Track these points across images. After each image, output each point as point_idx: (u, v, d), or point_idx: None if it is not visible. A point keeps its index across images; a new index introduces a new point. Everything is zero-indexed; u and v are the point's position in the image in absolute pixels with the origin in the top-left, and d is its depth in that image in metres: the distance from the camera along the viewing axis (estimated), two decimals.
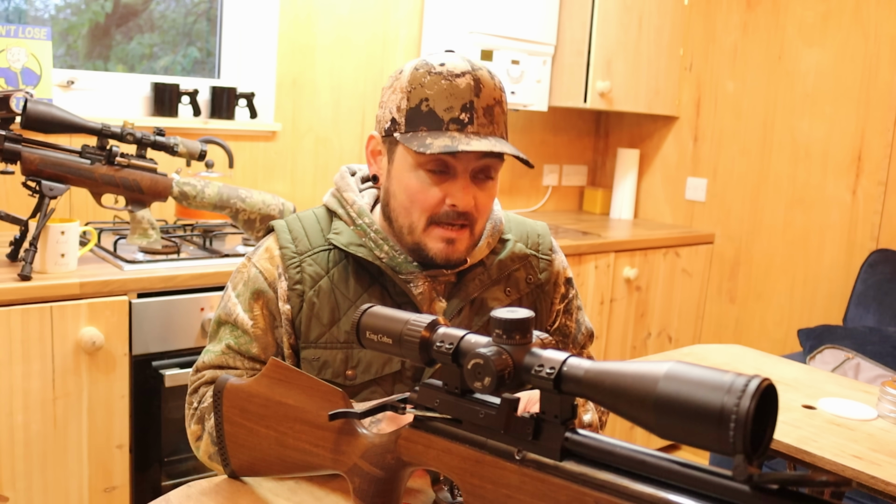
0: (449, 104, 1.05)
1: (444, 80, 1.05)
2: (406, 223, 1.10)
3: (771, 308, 3.04)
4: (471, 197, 1.07)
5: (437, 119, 1.05)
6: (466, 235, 1.10)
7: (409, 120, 1.07)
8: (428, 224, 1.09)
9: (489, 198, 1.11)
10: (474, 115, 1.05)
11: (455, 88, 1.05)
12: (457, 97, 1.05)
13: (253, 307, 1.13)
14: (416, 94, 1.06)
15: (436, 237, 1.09)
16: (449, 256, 1.10)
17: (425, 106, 1.05)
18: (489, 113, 1.07)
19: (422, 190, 1.08)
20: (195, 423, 1.12)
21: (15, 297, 1.59)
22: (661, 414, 0.57)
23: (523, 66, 2.84)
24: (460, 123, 1.05)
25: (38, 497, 1.66)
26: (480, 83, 1.06)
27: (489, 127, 1.07)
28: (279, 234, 1.16)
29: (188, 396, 1.15)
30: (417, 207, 1.08)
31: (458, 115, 1.05)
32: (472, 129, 1.05)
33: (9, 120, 1.72)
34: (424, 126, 1.05)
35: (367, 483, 0.80)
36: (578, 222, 3.15)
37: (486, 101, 1.07)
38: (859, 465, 1.17)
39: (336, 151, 2.71)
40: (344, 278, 1.13)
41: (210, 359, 1.14)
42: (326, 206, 1.19)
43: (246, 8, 2.50)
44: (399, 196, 1.10)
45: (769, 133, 3.01)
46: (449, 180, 1.07)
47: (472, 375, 0.69)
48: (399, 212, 1.11)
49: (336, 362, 1.12)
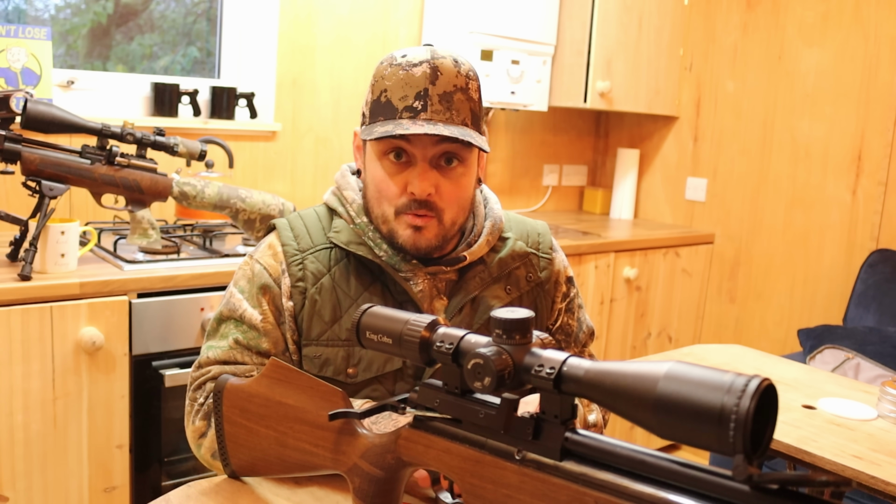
0: (403, 93, 1.06)
1: (401, 70, 1.07)
2: (379, 213, 1.12)
3: (771, 308, 3.04)
4: (428, 184, 1.07)
5: (392, 108, 1.06)
6: (434, 224, 1.10)
7: (371, 112, 1.10)
8: (396, 214, 1.10)
9: (455, 186, 1.10)
10: (428, 102, 1.05)
11: (410, 77, 1.06)
12: (411, 86, 1.06)
13: (261, 302, 1.13)
14: (377, 86, 1.09)
15: (403, 224, 1.10)
16: (416, 243, 1.10)
17: (384, 97, 1.07)
18: (446, 99, 1.06)
19: (384, 180, 1.10)
20: (200, 420, 1.10)
21: (15, 297, 1.59)
22: (661, 414, 0.57)
23: (523, 66, 2.84)
24: (413, 111, 1.05)
25: (38, 497, 1.66)
26: (438, 71, 1.06)
27: (445, 113, 1.06)
28: (281, 232, 1.16)
29: (191, 393, 1.13)
30: (384, 198, 1.10)
31: (411, 104, 1.06)
32: (424, 115, 1.05)
33: (9, 120, 1.72)
34: (381, 116, 1.07)
35: (367, 483, 0.80)
36: (578, 222, 3.15)
37: (444, 87, 1.06)
38: (859, 465, 1.17)
39: (336, 151, 2.71)
40: (345, 276, 1.14)
41: (216, 354, 1.13)
42: (327, 204, 1.20)
43: (246, 8, 2.50)
44: (370, 187, 1.13)
45: (769, 133, 3.01)
46: (408, 168, 1.08)
47: (472, 375, 0.69)
48: (372, 203, 1.13)
49: (337, 360, 1.12)
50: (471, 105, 1.09)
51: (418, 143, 1.06)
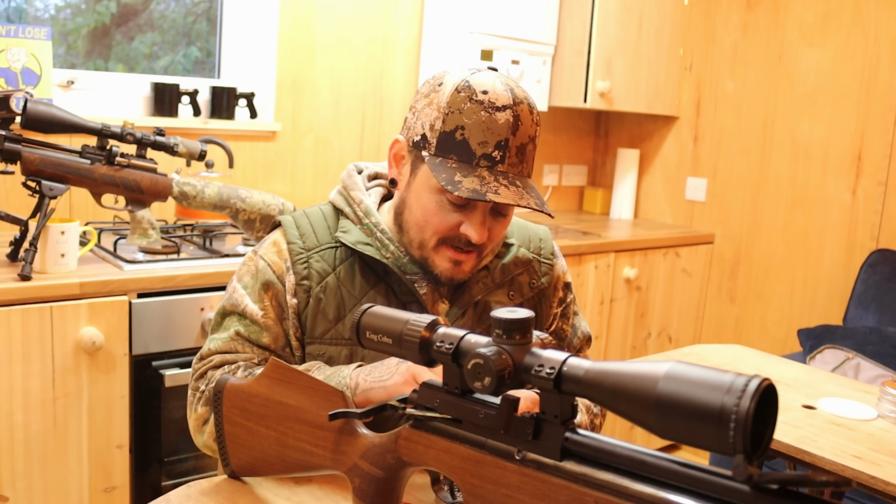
0: (484, 139, 1.03)
1: (484, 111, 1.03)
2: (417, 238, 1.11)
3: (771, 308, 3.04)
4: (485, 231, 1.08)
5: (468, 151, 1.03)
6: (473, 258, 1.11)
7: (440, 144, 1.05)
8: (438, 244, 1.09)
9: (503, 228, 1.12)
10: (506, 155, 1.04)
11: (493, 123, 1.03)
12: (493, 133, 1.03)
13: (263, 298, 1.14)
14: (452, 118, 1.04)
15: (444, 257, 1.10)
16: (454, 276, 1.11)
17: (460, 135, 1.03)
18: (521, 152, 1.06)
19: (439, 214, 1.07)
20: (202, 406, 1.11)
21: (15, 297, 1.59)
22: (661, 414, 0.57)
23: (523, 66, 2.84)
24: (491, 160, 1.03)
25: (38, 497, 1.66)
26: (519, 120, 1.04)
27: (518, 167, 1.06)
28: (287, 230, 1.16)
29: (193, 382, 1.14)
30: (431, 228, 1.08)
31: (490, 152, 1.03)
32: (501, 167, 1.04)
33: (9, 120, 1.72)
34: (455, 155, 1.04)
35: (367, 483, 0.80)
36: (578, 222, 3.15)
37: (521, 139, 1.05)
38: (859, 465, 1.17)
39: (336, 151, 2.71)
40: (350, 276, 1.14)
41: (217, 345, 1.14)
42: (333, 203, 1.20)
43: (246, 8, 2.50)
44: (415, 212, 1.10)
45: (769, 133, 3.01)
46: (467, 211, 1.07)
47: (472, 375, 0.69)
48: (411, 225, 1.11)
49: (341, 358, 1.12)
50: (534, 153, 1.10)
51: None
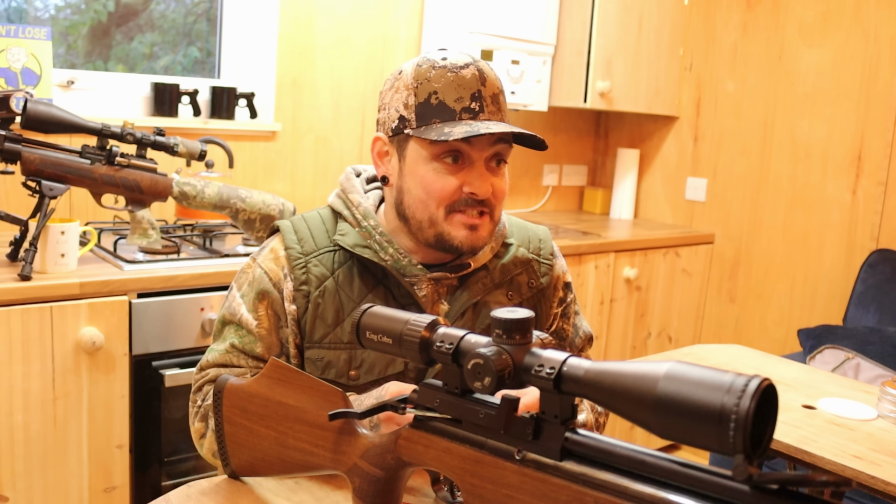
0: (458, 94, 1.06)
1: (449, 72, 1.07)
2: (425, 216, 1.10)
3: (771, 308, 3.04)
4: (489, 184, 1.08)
5: (448, 110, 1.06)
6: (487, 221, 1.11)
7: (419, 115, 1.07)
8: (448, 213, 1.09)
9: (504, 183, 1.13)
10: (484, 104, 1.07)
11: (462, 79, 1.07)
12: (465, 87, 1.07)
13: (258, 307, 1.14)
14: (423, 88, 1.07)
15: (458, 224, 1.09)
16: (474, 243, 1.11)
17: (435, 99, 1.07)
18: (496, 101, 1.09)
19: (438, 180, 1.08)
20: (199, 421, 1.13)
21: (15, 297, 1.59)
22: (661, 414, 0.57)
23: (523, 66, 2.84)
24: (472, 112, 1.06)
25: (38, 497, 1.66)
26: (484, 73, 1.09)
27: (498, 114, 1.09)
28: (285, 235, 1.16)
29: (192, 395, 1.16)
30: (434, 198, 1.08)
31: (468, 105, 1.07)
32: (483, 116, 1.07)
33: (9, 120, 1.72)
34: (437, 118, 1.06)
35: (367, 483, 0.80)
36: (578, 222, 3.15)
37: (492, 89, 1.09)
38: (859, 465, 1.17)
39: (336, 151, 2.71)
40: (349, 279, 1.14)
41: (214, 357, 1.15)
42: (331, 206, 1.20)
43: (246, 8, 2.50)
44: (414, 191, 1.10)
45: (769, 133, 3.01)
46: (465, 169, 1.08)
47: (472, 375, 0.69)
48: (416, 207, 1.10)
49: (340, 363, 1.12)
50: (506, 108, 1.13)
51: (477, 144, 1.07)
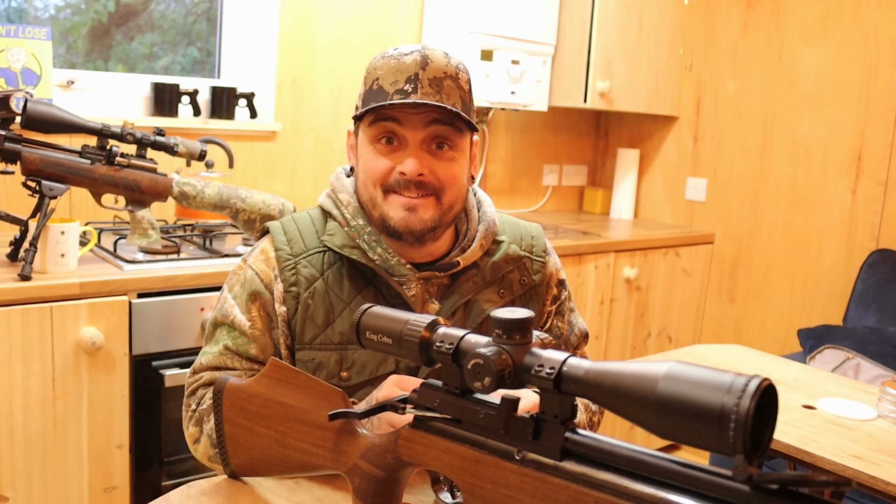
0: (395, 78, 1.08)
1: (393, 59, 1.09)
2: (367, 197, 1.13)
3: (771, 308, 3.04)
4: (420, 165, 1.08)
5: (383, 93, 1.08)
6: (431, 203, 1.10)
7: (364, 101, 1.11)
8: (385, 193, 1.10)
9: (449, 167, 1.11)
10: (418, 85, 1.07)
11: (402, 65, 1.08)
12: (402, 71, 1.08)
13: (250, 308, 1.14)
14: (369, 77, 1.11)
15: (395, 205, 1.10)
16: (410, 225, 1.09)
17: (375, 85, 1.09)
18: (436, 83, 1.07)
19: (372, 160, 1.10)
20: (193, 426, 1.12)
21: (15, 297, 1.59)
22: (661, 414, 0.57)
23: (523, 66, 2.84)
24: (403, 93, 1.07)
25: (38, 497, 1.66)
26: (428, 59, 1.08)
27: (436, 96, 1.07)
28: (274, 236, 1.16)
29: (185, 399, 1.15)
30: (371, 178, 1.11)
31: (402, 87, 1.07)
32: (416, 96, 1.06)
33: (9, 120, 1.72)
34: (373, 102, 1.08)
35: (367, 483, 0.80)
36: (578, 222, 3.15)
37: (433, 73, 1.08)
38: (859, 465, 1.17)
39: (336, 151, 2.71)
40: (338, 280, 1.13)
41: (208, 360, 1.15)
42: (322, 206, 1.20)
43: (246, 8, 2.50)
44: (361, 175, 1.14)
45: (769, 133, 3.01)
46: (400, 150, 1.09)
47: (472, 375, 0.69)
48: (362, 190, 1.14)
49: (330, 363, 1.12)
50: (461, 93, 1.10)
51: (409, 125, 1.08)
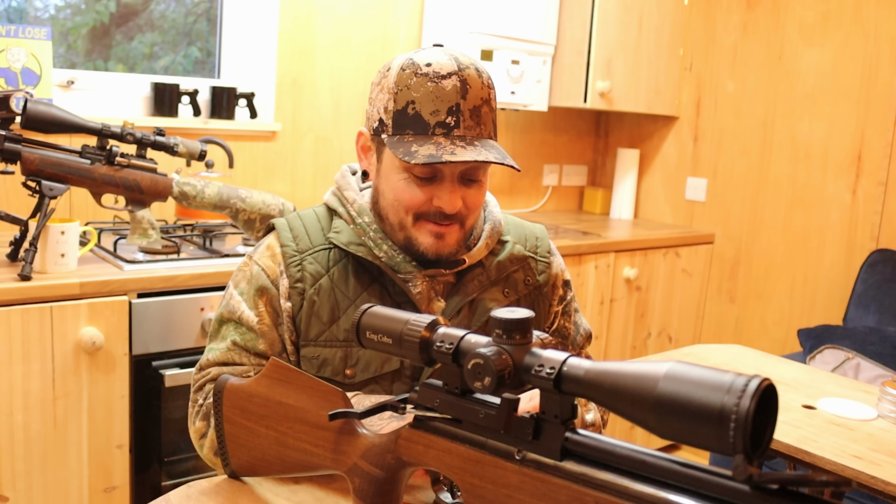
0: (435, 107, 1.04)
1: (430, 81, 1.05)
2: (395, 220, 1.12)
3: (771, 308, 3.04)
4: (458, 199, 1.08)
5: (423, 123, 1.05)
6: (456, 229, 1.11)
7: (395, 123, 1.07)
8: (416, 220, 1.10)
9: (478, 195, 1.12)
10: (461, 119, 1.05)
11: (441, 91, 1.04)
12: (443, 100, 1.04)
13: (258, 304, 1.14)
14: (402, 96, 1.06)
15: (425, 232, 1.10)
16: (439, 251, 1.11)
17: (411, 109, 1.05)
18: (476, 114, 1.06)
19: (407, 190, 1.08)
20: (200, 420, 1.12)
21: (15, 297, 1.59)
22: (661, 414, 0.57)
23: (523, 66, 2.84)
24: (446, 127, 1.04)
25: (38, 497, 1.65)
26: (467, 84, 1.06)
27: (476, 129, 1.06)
28: (280, 233, 1.17)
29: (192, 394, 1.15)
30: (403, 207, 1.10)
31: (444, 119, 1.04)
32: (458, 132, 1.05)
33: (9, 120, 1.72)
34: (411, 130, 1.05)
35: (367, 483, 0.80)
36: (578, 222, 3.15)
37: (473, 101, 1.06)
38: (859, 465, 1.17)
39: (336, 151, 2.71)
40: (344, 277, 1.14)
41: (215, 356, 1.14)
42: (327, 204, 1.20)
43: (246, 8, 2.50)
44: (387, 195, 1.12)
45: (769, 133, 3.01)
46: (436, 183, 1.08)
47: (472, 375, 0.69)
48: (388, 210, 1.12)
49: (335, 360, 1.12)
50: (493, 116, 1.10)
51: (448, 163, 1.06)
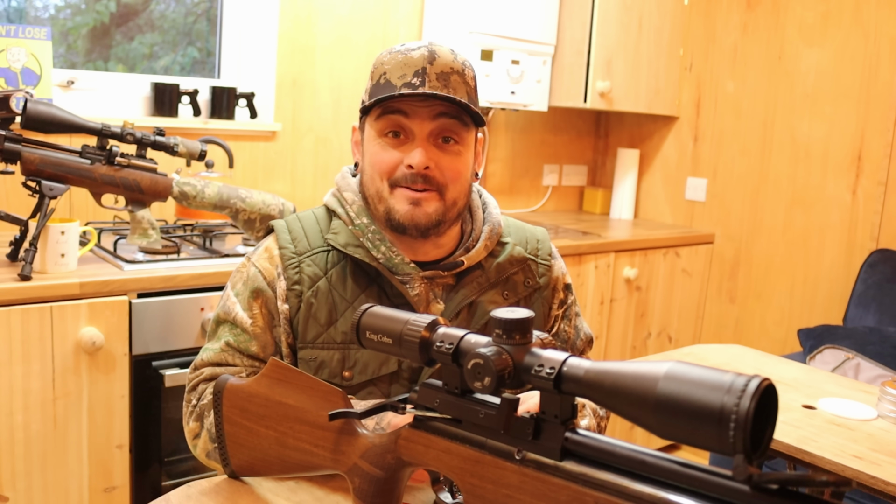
0: (402, 72, 1.08)
1: (400, 54, 1.10)
2: (374, 191, 1.13)
3: (771, 308, 3.04)
4: (427, 158, 1.08)
5: (391, 86, 1.09)
6: (434, 198, 1.11)
7: (370, 95, 1.11)
8: (391, 187, 1.11)
9: (456, 161, 1.12)
10: (426, 79, 1.07)
11: (409, 59, 1.09)
12: (410, 65, 1.08)
13: (252, 306, 1.14)
14: (376, 72, 1.12)
15: (400, 198, 1.11)
16: (415, 219, 1.10)
17: (383, 79, 1.10)
18: (444, 77, 1.08)
19: (380, 153, 1.11)
20: (193, 421, 1.13)
21: (15, 297, 1.59)
22: (661, 414, 0.57)
23: (523, 66, 2.84)
24: (412, 86, 1.07)
25: (38, 497, 1.65)
26: (436, 54, 1.10)
27: (443, 90, 1.08)
28: (279, 235, 1.17)
29: (186, 394, 1.15)
30: (377, 172, 1.11)
31: (410, 80, 1.08)
32: (424, 89, 1.07)
33: (9, 120, 1.72)
34: (381, 95, 1.08)
35: (367, 483, 0.80)
36: (578, 222, 3.15)
37: (441, 67, 1.09)
38: (859, 465, 1.17)
39: (336, 151, 2.71)
40: (342, 279, 1.14)
41: (209, 356, 1.15)
42: (326, 205, 1.20)
43: (246, 8, 2.50)
44: (367, 168, 1.14)
45: (769, 133, 3.01)
46: (407, 143, 1.10)
47: (472, 375, 0.69)
48: (368, 183, 1.14)
49: (333, 363, 1.12)
50: (467, 89, 1.11)
51: (416, 117, 1.08)
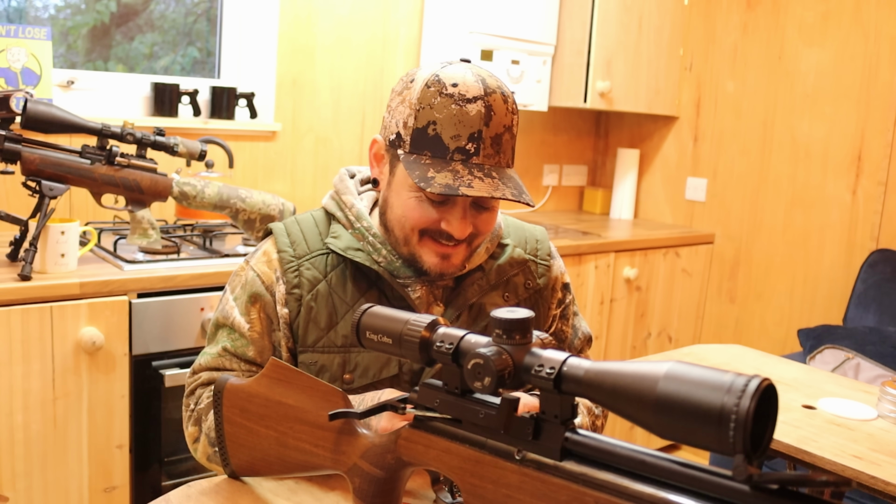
0: (456, 132, 1.01)
1: (454, 104, 1.02)
2: (401, 235, 1.10)
3: (771, 308, 3.04)
4: (468, 225, 1.06)
5: (442, 146, 1.02)
6: (462, 249, 1.10)
7: (414, 140, 1.04)
8: (421, 237, 1.08)
9: (490, 220, 1.11)
10: (481, 146, 1.02)
11: (464, 115, 1.01)
12: (465, 125, 1.01)
13: (250, 311, 1.14)
14: (423, 114, 1.03)
15: (430, 251, 1.09)
16: (444, 270, 1.10)
17: (432, 130, 1.02)
18: (497, 143, 1.04)
19: (417, 208, 1.06)
20: (192, 426, 1.13)
21: (15, 297, 1.59)
22: (661, 414, 0.57)
23: (523, 66, 2.84)
24: (465, 153, 1.02)
25: (38, 497, 1.65)
26: (492, 110, 1.03)
27: (495, 158, 1.04)
28: (277, 238, 1.16)
29: (185, 399, 1.15)
30: (410, 224, 1.08)
31: (464, 145, 1.01)
32: (476, 160, 1.02)
33: (9, 120, 1.72)
34: (428, 151, 1.03)
35: (367, 483, 0.80)
36: (578, 222, 3.15)
37: (496, 129, 1.03)
38: (859, 465, 1.17)
39: (336, 151, 2.71)
40: (342, 283, 1.13)
41: (206, 361, 1.15)
42: (325, 208, 1.19)
43: (246, 8, 2.50)
44: (396, 210, 1.09)
45: (769, 133, 3.01)
46: (447, 206, 1.06)
47: (472, 375, 0.69)
48: (394, 224, 1.10)
49: (333, 366, 1.12)
50: (513, 143, 1.08)
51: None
